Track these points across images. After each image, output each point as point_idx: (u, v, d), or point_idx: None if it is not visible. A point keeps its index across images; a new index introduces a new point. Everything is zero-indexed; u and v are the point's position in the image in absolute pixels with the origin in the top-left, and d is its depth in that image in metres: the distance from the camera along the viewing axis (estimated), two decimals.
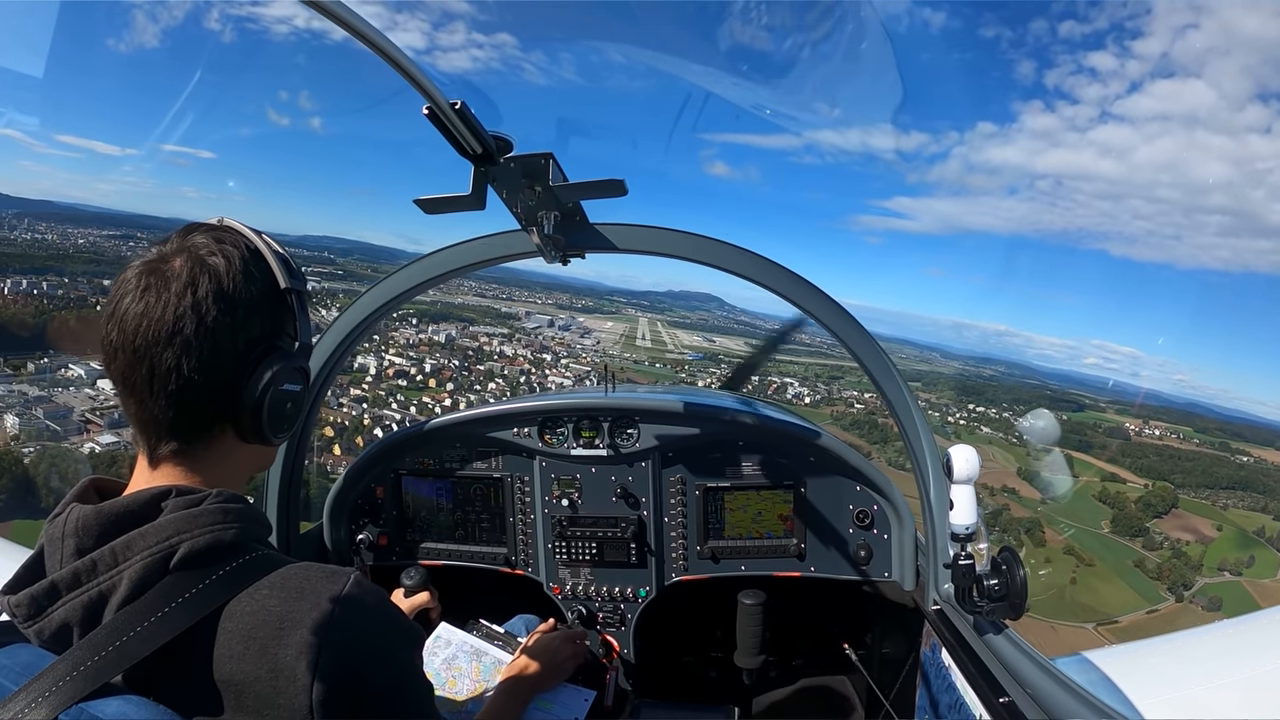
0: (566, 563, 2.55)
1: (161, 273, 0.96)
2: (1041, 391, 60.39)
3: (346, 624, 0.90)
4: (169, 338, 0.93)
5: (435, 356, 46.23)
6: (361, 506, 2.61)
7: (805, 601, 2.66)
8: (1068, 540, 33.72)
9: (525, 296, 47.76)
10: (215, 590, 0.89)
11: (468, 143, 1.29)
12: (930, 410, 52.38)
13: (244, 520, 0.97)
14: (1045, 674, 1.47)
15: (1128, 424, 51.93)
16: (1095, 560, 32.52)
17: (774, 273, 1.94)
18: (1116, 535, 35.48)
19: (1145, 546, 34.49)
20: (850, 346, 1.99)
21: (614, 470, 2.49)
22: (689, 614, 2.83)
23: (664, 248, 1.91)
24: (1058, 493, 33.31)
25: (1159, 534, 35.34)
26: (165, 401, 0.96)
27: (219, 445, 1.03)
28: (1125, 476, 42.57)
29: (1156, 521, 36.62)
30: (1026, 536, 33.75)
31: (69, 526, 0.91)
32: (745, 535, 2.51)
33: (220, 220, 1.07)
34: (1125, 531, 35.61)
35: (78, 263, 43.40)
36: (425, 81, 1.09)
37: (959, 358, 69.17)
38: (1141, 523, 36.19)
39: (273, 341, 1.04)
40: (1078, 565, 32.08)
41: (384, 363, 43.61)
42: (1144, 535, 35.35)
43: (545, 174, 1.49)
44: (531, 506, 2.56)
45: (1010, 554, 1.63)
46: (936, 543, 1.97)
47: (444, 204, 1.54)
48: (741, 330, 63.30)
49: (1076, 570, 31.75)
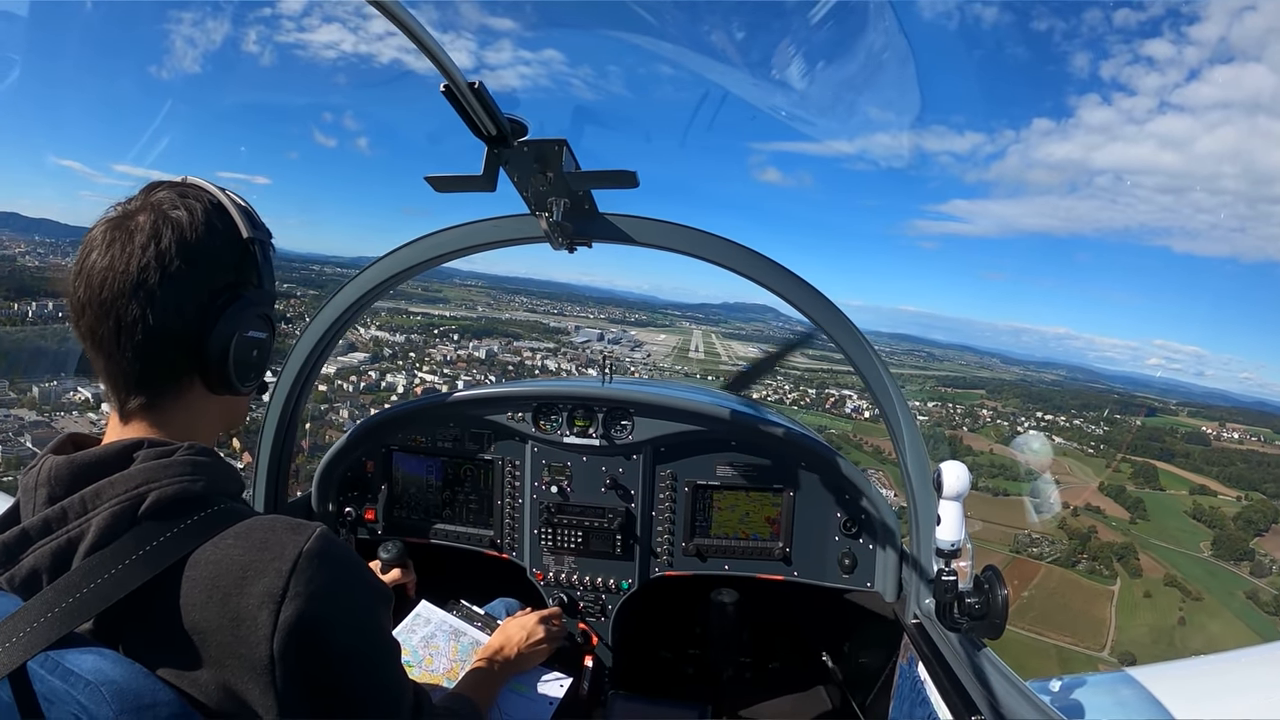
0: (551, 549, 2.53)
1: (126, 227, 0.97)
2: (1108, 396, 56.57)
3: (310, 575, 0.90)
4: (134, 289, 0.95)
5: (473, 373, 45.25)
6: (350, 479, 2.61)
7: (786, 606, 2.66)
8: (1169, 570, 30.40)
9: (577, 311, 46.41)
10: (182, 539, 0.90)
11: (482, 123, 1.31)
12: (999, 420, 49.66)
13: (213, 473, 0.99)
14: (1020, 695, 1.49)
15: (1205, 428, 48.52)
16: (1203, 593, 29.01)
17: (775, 273, 1.94)
18: (1219, 559, 31.99)
19: (1254, 572, 30.87)
20: (847, 351, 1.96)
21: (605, 461, 2.49)
22: (670, 609, 2.81)
23: (671, 242, 1.92)
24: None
25: (1264, 555, 31.81)
26: (133, 354, 0.97)
27: (188, 397, 1.04)
28: (1215, 488, 39.21)
29: (1258, 540, 33.18)
30: (1120, 566, 30.65)
31: (42, 476, 0.93)
32: (731, 535, 2.51)
33: (184, 179, 1.07)
34: (1229, 555, 32.09)
35: None
36: (444, 59, 1.09)
37: (1019, 363, 66.51)
38: (1244, 544, 32.71)
39: (237, 290, 1.04)
40: (1184, 600, 28.65)
41: (415, 380, 42.52)
42: (1249, 559, 31.80)
43: (558, 160, 1.50)
44: (520, 491, 2.56)
45: (994, 573, 1.62)
46: (921, 557, 1.99)
47: (455, 183, 1.57)
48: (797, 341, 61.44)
49: (1184, 606, 28.34)
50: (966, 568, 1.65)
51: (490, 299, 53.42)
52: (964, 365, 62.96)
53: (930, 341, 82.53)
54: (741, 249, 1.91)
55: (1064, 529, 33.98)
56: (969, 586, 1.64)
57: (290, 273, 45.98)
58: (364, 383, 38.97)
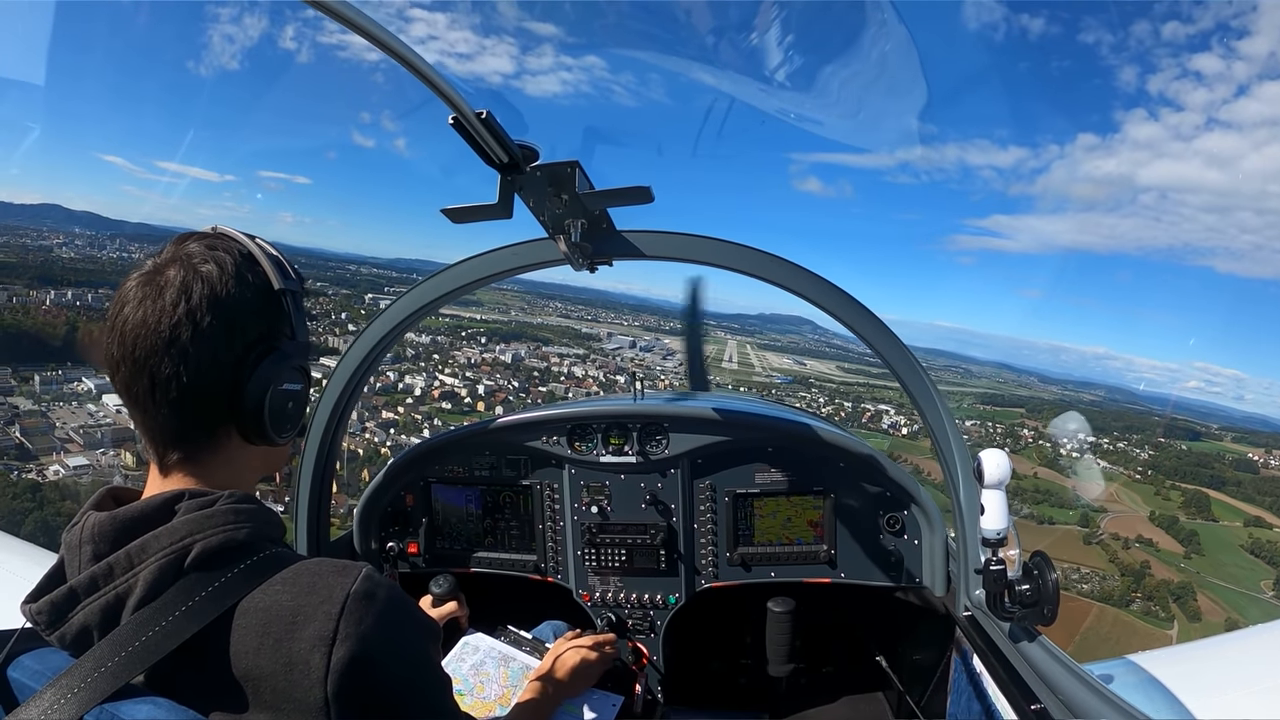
0: (596, 570, 2.53)
1: (156, 283, 0.97)
2: (1148, 418, 54.23)
3: (359, 617, 0.90)
4: (166, 346, 0.95)
5: (496, 377, 44.35)
6: (391, 514, 2.62)
7: (835, 608, 2.65)
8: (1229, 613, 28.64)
9: (611, 318, 45.62)
10: (230, 588, 0.90)
11: (494, 152, 1.31)
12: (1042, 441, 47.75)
13: (256, 520, 0.98)
14: (1077, 680, 1.46)
15: (1251, 454, 46.29)
16: None
17: (803, 279, 1.93)
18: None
19: None
20: (875, 345, 1.94)
21: (643, 477, 2.49)
22: (719, 621, 2.76)
23: (690, 254, 1.92)
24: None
25: None
26: (169, 410, 0.97)
27: (225, 448, 1.03)
28: (1271, 520, 37.21)
29: None
30: (1177, 607, 28.96)
31: (85, 533, 0.93)
32: (775, 542, 2.49)
33: (214, 228, 1.08)
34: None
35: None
36: (450, 92, 1.10)
37: (1057, 382, 64.45)
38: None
39: (270, 343, 1.04)
40: None
41: (434, 383, 41.58)
42: None
43: (571, 182, 1.51)
44: (561, 514, 2.56)
45: (1042, 558, 1.61)
46: (967, 548, 1.96)
47: (472, 213, 1.58)
48: (834, 354, 59.93)
49: None
50: (1014, 555, 1.65)
51: (525, 303, 52.70)
52: (1001, 383, 61.05)
53: (967, 358, 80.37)
54: (762, 255, 1.91)
55: (1115, 563, 32.31)
56: (1018, 574, 1.63)
57: (327, 272, 45.72)
58: (380, 383, 37.98)
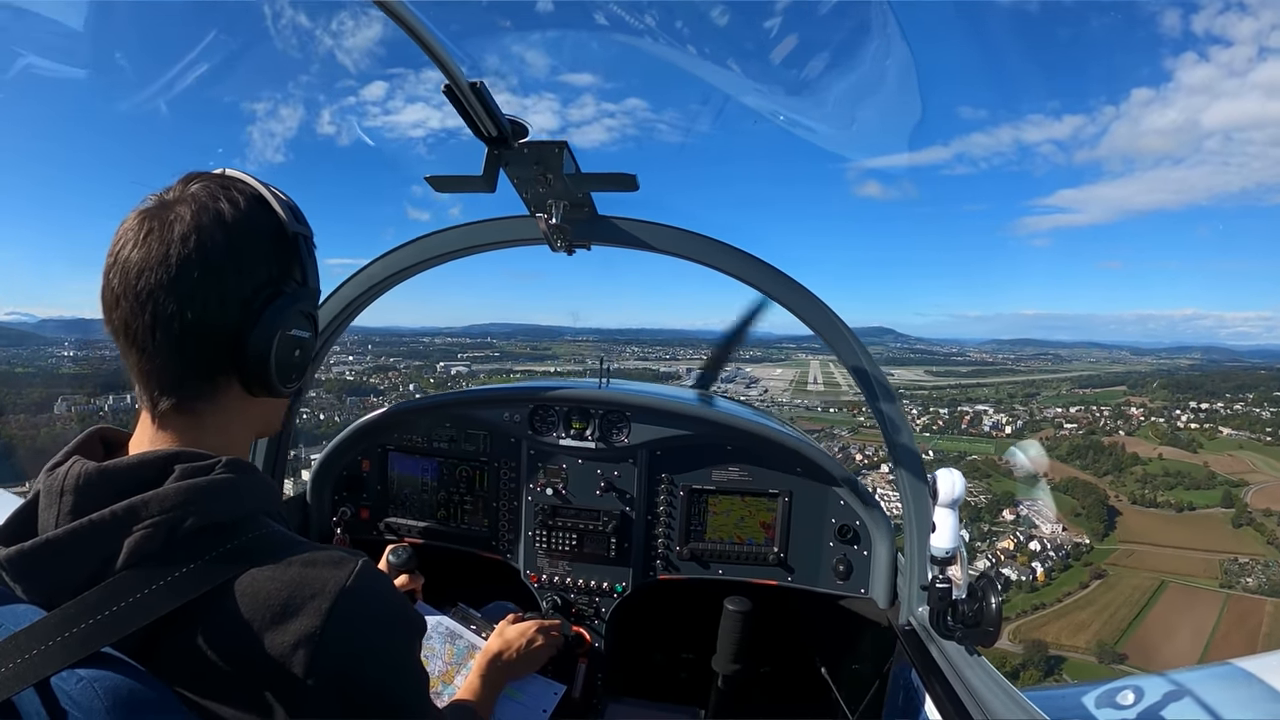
0: (546, 552, 2.53)
1: (163, 218, 0.93)
2: (1256, 373, 50.90)
3: (348, 615, 0.88)
4: (172, 283, 0.90)
5: None
6: (346, 478, 2.63)
7: (779, 611, 2.63)
8: None
9: (689, 355, 45.94)
10: (217, 566, 0.87)
11: (483, 124, 1.31)
12: (1154, 417, 45.33)
13: (251, 492, 0.94)
14: (1013, 703, 1.49)
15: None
16: None
17: (769, 276, 1.99)
18: None
19: None
20: (838, 350, 2.01)
21: (601, 464, 2.49)
22: (664, 613, 2.80)
23: (671, 246, 1.95)
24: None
25: None
26: (168, 351, 0.93)
27: (224, 400, 0.99)
28: None
29: None
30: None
31: (69, 482, 0.88)
32: (727, 540, 2.50)
33: (223, 170, 1.03)
34: None
35: None
36: (446, 58, 1.08)
37: (1150, 352, 61.81)
38: None
39: (279, 286, 1.00)
40: None
41: None
42: None
43: (558, 162, 1.51)
44: (516, 493, 2.56)
45: (988, 580, 1.62)
46: (915, 564, 2.02)
47: (455, 183, 1.59)
48: (918, 359, 58.98)
49: None
50: (960, 575, 1.67)
51: (601, 351, 53.82)
52: (1095, 363, 58.74)
53: (1055, 343, 77.63)
54: (739, 254, 1.96)
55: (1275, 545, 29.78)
56: (963, 594, 1.65)
57: (400, 347, 47.71)
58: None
